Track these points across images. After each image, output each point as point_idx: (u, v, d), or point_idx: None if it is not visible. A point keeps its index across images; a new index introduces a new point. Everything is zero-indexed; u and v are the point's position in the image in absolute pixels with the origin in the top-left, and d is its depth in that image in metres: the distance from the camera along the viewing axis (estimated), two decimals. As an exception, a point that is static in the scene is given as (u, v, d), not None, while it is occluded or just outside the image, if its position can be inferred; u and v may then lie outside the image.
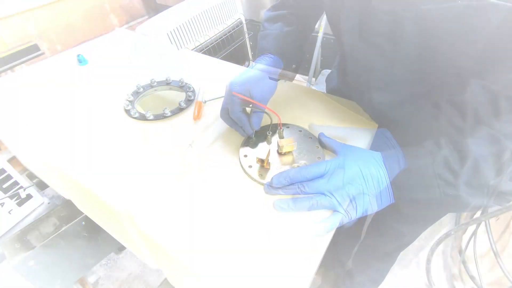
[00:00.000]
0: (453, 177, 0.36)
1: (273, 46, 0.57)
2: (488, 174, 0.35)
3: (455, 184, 0.36)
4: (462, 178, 0.36)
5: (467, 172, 0.36)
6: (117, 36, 0.87)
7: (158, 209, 0.43)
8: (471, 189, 0.36)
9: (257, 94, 0.50)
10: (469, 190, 0.36)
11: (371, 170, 0.41)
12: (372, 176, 0.41)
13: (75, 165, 0.50)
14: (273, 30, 0.58)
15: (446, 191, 0.37)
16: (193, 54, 0.78)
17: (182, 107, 0.59)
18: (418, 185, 0.39)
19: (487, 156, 0.35)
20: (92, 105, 0.62)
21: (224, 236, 0.39)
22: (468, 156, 0.36)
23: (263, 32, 0.60)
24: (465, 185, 0.36)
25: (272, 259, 0.37)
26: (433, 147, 0.39)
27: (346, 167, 0.41)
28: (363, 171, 0.41)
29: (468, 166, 0.35)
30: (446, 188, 0.37)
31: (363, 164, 0.42)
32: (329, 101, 0.61)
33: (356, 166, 0.41)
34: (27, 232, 0.72)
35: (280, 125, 0.50)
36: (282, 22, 0.59)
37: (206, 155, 0.50)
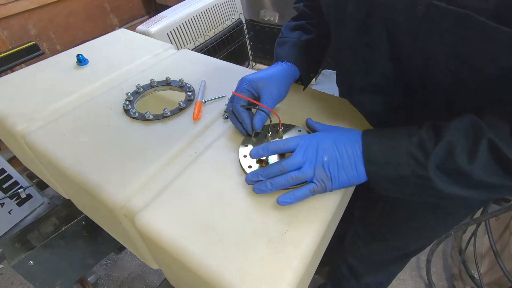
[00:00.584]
0: (424, 157, 0.36)
1: (290, 55, 0.56)
2: (460, 160, 0.34)
3: (425, 165, 0.35)
4: (432, 159, 0.35)
5: (438, 153, 0.35)
6: (117, 36, 0.87)
7: (158, 209, 0.43)
8: (442, 173, 0.35)
9: (264, 95, 0.51)
10: (441, 174, 0.35)
11: (346, 142, 0.41)
12: (346, 147, 0.41)
13: (75, 165, 0.50)
14: (291, 38, 0.58)
15: (415, 171, 0.36)
16: (193, 54, 0.78)
17: (182, 107, 0.59)
18: (390, 162, 0.38)
19: (462, 142, 0.34)
20: (92, 105, 0.62)
21: (224, 236, 0.39)
22: (443, 138, 0.35)
23: (281, 39, 0.60)
24: (435, 167, 0.35)
25: (272, 258, 0.37)
26: (413, 127, 0.39)
27: (321, 139, 0.42)
28: (337, 143, 0.41)
29: (440, 148, 0.35)
30: (416, 167, 0.36)
31: (338, 137, 0.42)
32: (329, 101, 0.61)
33: (331, 138, 0.42)
34: (27, 232, 0.72)
35: (280, 125, 0.50)
36: (301, 31, 0.59)
37: (205, 156, 0.50)
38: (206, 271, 0.37)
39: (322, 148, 0.41)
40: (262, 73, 0.53)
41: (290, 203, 0.41)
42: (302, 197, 0.41)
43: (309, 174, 0.41)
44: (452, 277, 1.18)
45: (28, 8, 1.63)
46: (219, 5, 1.47)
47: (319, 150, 0.41)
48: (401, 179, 0.38)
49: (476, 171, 0.34)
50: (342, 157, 0.41)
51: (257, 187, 0.43)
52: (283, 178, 0.41)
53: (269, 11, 1.58)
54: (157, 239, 0.40)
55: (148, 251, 0.53)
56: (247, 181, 0.44)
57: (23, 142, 0.58)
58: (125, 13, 2.14)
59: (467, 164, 0.34)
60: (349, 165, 0.40)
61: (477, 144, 0.34)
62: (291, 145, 0.43)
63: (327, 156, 0.41)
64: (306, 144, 0.42)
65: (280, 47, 0.58)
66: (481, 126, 0.34)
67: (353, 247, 0.83)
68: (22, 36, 1.67)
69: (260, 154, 0.44)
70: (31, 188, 1.34)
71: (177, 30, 1.32)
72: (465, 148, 0.34)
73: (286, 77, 0.55)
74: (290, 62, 0.56)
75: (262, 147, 0.44)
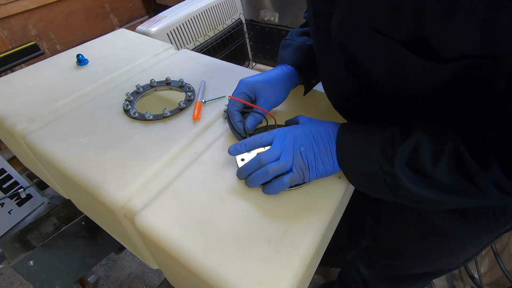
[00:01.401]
0: (392, 153, 0.35)
1: (292, 58, 0.56)
2: (425, 160, 0.33)
3: (392, 161, 0.35)
4: (398, 156, 0.35)
5: (405, 151, 0.35)
6: (117, 36, 0.87)
7: (158, 209, 0.43)
8: (409, 172, 0.35)
9: (261, 98, 0.51)
10: (407, 172, 0.35)
11: (322, 132, 0.42)
12: (322, 137, 0.41)
13: (75, 165, 0.50)
14: (295, 42, 0.58)
15: (383, 167, 0.36)
16: (193, 54, 0.78)
17: (182, 107, 0.59)
18: (360, 155, 0.38)
19: (429, 142, 0.34)
20: (91, 105, 0.62)
21: (224, 237, 0.39)
22: (411, 136, 0.35)
23: (285, 41, 0.59)
24: (402, 164, 0.35)
25: (272, 259, 0.37)
26: (392, 124, 0.38)
27: (297, 130, 0.43)
28: (314, 133, 0.42)
29: (407, 145, 0.35)
30: (384, 163, 0.36)
31: (315, 127, 0.43)
32: (328, 101, 0.61)
33: (307, 129, 0.43)
34: (27, 232, 0.72)
35: (276, 127, 0.50)
36: (308, 36, 0.58)
37: (205, 156, 0.50)
38: (206, 271, 0.37)
39: (299, 138, 0.42)
40: (261, 76, 0.53)
41: (273, 192, 0.42)
42: (281, 187, 0.42)
43: (287, 163, 0.41)
44: (452, 277, 1.18)
45: (28, 8, 1.63)
46: (219, 5, 1.47)
47: (296, 140, 0.42)
48: (371, 174, 0.38)
49: (440, 173, 0.33)
50: (319, 146, 0.41)
51: (246, 182, 0.44)
52: (263, 171, 0.42)
53: (269, 11, 1.58)
54: (157, 239, 0.40)
55: (148, 251, 0.53)
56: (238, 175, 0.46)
57: (23, 142, 0.58)
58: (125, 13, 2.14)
59: (431, 165, 0.33)
60: (325, 155, 0.41)
61: (443, 146, 0.33)
62: (268, 138, 0.44)
63: (304, 146, 0.41)
64: (282, 136, 0.43)
65: (284, 50, 0.58)
66: (450, 128, 0.34)
67: (365, 256, 0.81)
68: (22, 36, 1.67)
69: (239, 150, 0.45)
70: (31, 188, 1.34)
71: (177, 30, 1.32)
72: (430, 149, 0.34)
73: (286, 81, 0.54)
74: (291, 66, 0.55)
75: (240, 143, 0.45)
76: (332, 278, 1.18)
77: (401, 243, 0.64)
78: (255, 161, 0.43)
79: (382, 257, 0.73)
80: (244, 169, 0.44)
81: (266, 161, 0.42)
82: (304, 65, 0.56)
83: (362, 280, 0.86)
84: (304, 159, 0.41)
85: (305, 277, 0.40)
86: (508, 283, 0.93)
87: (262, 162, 0.42)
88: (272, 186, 0.42)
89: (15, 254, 0.67)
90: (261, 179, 0.42)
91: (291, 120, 0.52)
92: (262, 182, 0.43)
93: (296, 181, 0.41)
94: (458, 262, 0.62)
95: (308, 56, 0.56)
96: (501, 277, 0.97)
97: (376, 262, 0.76)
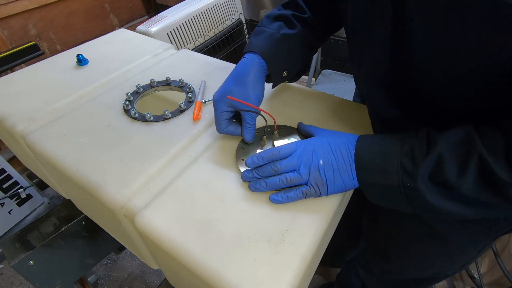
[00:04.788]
0: (413, 167, 0.34)
1: (262, 47, 0.50)
2: (449, 173, 0.32)
3: (414, 176, 0.34)
4: (422, 171, 0.33)
5: (428, 165, 0.33)
6: (117, 36, 0.87)
7: (158, 209, 0.43)
8: (432, 186, 0.34)
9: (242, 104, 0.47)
10: (430, 186, 0.34)
11: (340, 146, 0.40)
12: (341, 151, 0.40)
13: (75, 165, 0.50)
14: (269, 29, 0.52)
15: (404, 181, 0.35)
16: (193, 54, 0.78)
17: (183, 109, 0.59)
18: (380, 170, 0.37)
19: (453, 155, 0.33)
20: (91, 105, 0.62)
21: (224, 237, 0.39)
22: (434, 149, 0.33)
23: (259, 28, 0.54)
24: (425, 179, 0.34)
25: (272, 259, 0.37)
26: (408, 135, 0.37)
27: (316, 143, 0.42)
28: (332, 147, 0.41)
29: (430, 159, 0.33)
30: (404, 177, 0.35)
31: (333, 140, 0.41)
32: (328, 101, 0.61)
33: (326, 142, 0.42)
34: (27, 232, 0.72)
35: (275, 127, 0.50)
36: (283, 22, 0.53)
37: (205, 156, 0.50)
38: (206, 271, 0.37)
39: (318, 152, 0.41)
40: (233, 83, 0.49)
41: (281, 202, 0.42)
42: (293, 198, 0.41)
43: (304, 177, 0.40)
44: (452, 277, 1.18)
45: (28, 8, 1.63)
46: (219, 5, 1.47)
47: (314, 154, 0.41)
48: (391, 189, 0.36)
49: (465, 186, 0.32)
50: (338, 161, 0.40)
51: (252, 184, 0.44)
52: (278, 179, 0.41)
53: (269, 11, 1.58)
54: (157, 239, 0.40)
55: (148, 251, 0.53)
56: (243, 178, 0.45)
57: (23, 142, 0.58)
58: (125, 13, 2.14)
59: (456, 178, 0.32)
60: (345, 170, 0.39)
61: (468, 158, 0.32)
62: (286, 151, 0.43)
63: (322, 160, 0.40)
64: (301, 149, 0.42)
65: (255, 36, 0.53)
66: (474, 140, 0.32)
67: (364, 260, 0.80)
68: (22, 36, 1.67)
69: (256, 163, 0.44)
70: (31, 188, 1.34)
71: (177, 30, 1.32)
72: (454, 161, 0.33)
73: (259, 72, 0.50)
74: (259, 56, 0.50)
75: (257, 156, 0.44)
76: (332, 278, 1.18)
77: (399, 246, 0.63)
78: (270, 168, 0.42)
79: (379, 260, 0.72)
80: (257, 173, 0.43)
81: (282, 170, 0.41)
82: (274, 56, 0.51)
83: (362, 285, 0.86)
84: (322, 175, 0.40)
85: (305, 277, 0.40)
86: (508, 283, 0.93)
87: (278, 170, 0.42)
88: (285, 194, 0.41)
89: (15, 254, 0.67)
90: (273, 186, 0.42)
91: (304, 129, 0.50)
92: (271, 189, 0.42)
93: (310, 195, 0.41)
94: (455, 268, 0.62)
95: (280, 46, 0.51)
96: (501, 277, 0.98)
97: (374, 266, 0.76)
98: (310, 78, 1.58)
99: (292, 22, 0.53)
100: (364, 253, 0.80)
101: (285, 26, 0.53)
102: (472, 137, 0.33)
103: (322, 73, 1.66)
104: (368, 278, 0.82)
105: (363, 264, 0.82)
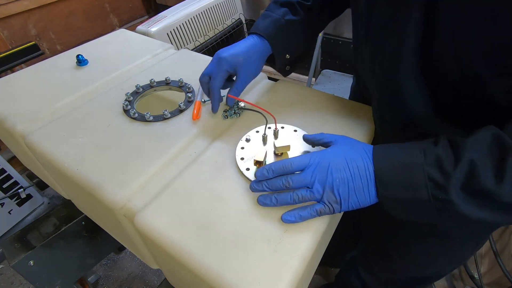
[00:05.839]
0: (444, 179, 0.32)
1: (267, 30, 0.54)
2: (486, 181, 0.30)
3: (446, 187, 0.32)
4: (454, 181, 0.31)
5: (460, 175, 0.31)
6: (117, 36, 0.87)
7: (157, 209, 0.43)
8: (466, 196, 0.32)
9: (242, 75, 0.52)
10: (464, 197, 0.32)
11: (357, 160, 0.38)
12: (358, 167, 0.37)
13: (75, 165, 0.50)
14: (275, 14, 0.56)
15: (435, 194, 0.32)
16: (193, 54, 0.78)
17: (182, 109, 0.59)
18: (404, 184, 0.34)
19: (486, 160, 0.31)
20: (91, 105, 0.62)
21: (223, 237, 0.39)
22: (463, 157, 0.32)
23: (265, 12, 0.58)
24: (458, 189, 0.31)
25: (271, 258, 0.37)
26: (428, 144, 0.35)
27: (331, 157, 0.39)
28: (349, 162, 0.38)
29: (461, 168, 0.31)
30: (435, 190, 0.32)
31: (350, 154, 0.39)
32: (328, 101, 0.61)
33: (342, 156, 0.39)
34: (27, 232, 0.72)
35: (276, 126, 0.50)
36: (288, 9, 0.56)
37: (205, 156, 0.50)
38: (206, 271, 0.37)
39: (333, 169, 0.38)
40: (238, 50, 0.53)
41: (294, 222, 0.40)
42: (307, 217, 0.39)
43: (317, 195, 0.38)
44: (452, 277, 1.18)
45: (28, 8, 1.64)
46: (219, 5, 1.47)
47: (330, 172, 0.38)
48: (418, 203, 0.34)
49: (505, 192, 0.30)
50: (354, 179, 0.37)
51: (261, 200, 0.41)
52: (289, 196, 0.39)
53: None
54: (157, 239, 0.40)
55: (148, 251, 0.53)
56: (252, 189, 0.42)
57: (23, 143, 0.58)
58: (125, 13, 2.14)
59: (494, 185, 0.30)
60: (361, 188, 0.37)
61: (504, 162, 0.30)
62: (299, 165, 0.40)
63: (338, 178, 0.37)
64: (315, 164, 0.39)
65: (262, 20, 0.57)
66: (505, 142, 0.31)
67: (364, 260, 0.80)
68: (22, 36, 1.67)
69: (265, 176, 0.41)
70: (31, 188, 1.34)
71: (177, 30, 1.32)
72: (489, 167, 0.31)
73: (261, 53, 0.55)
74: (264, 37, 0.55)
75: (267, 169, 0.40)
76: (332, 278, 1.18)
77: (400, 245, 0.64)
78: (282, 183, 0.39)
79: (380, 260, 0.72)
80: (268, 185, 0.40)
81: (294, 186, 0.39)
82: (278, 38, 0.55)
83: (362, 285, 0.85)
84: (336, 194, 0.37)
85: (304, 277, 0.40)
86: (508, 283, 0.93)
87: (290, 185, 0.39)
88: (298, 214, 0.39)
89: (15, 254, 0.67)
90: (283, 203, 0.40)
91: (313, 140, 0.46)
92: (281, 205, 0.40)
93: (324, 214, 0.39)
94: (454, 264, 0.62)
95: (284, 32, 0.55)
96: (501, 277, 0.97)
97: (375, 265, 0.76)
98: (310, 78, 1.58)
99: (297, 9, 0.57)
100: (364, 253, 0.80)
101: (289, 13, 0.56)
102: (502, 140, 0.31)
103: (322, 73, 1.66)
104: (369, 278, 0.82)
105: (363, 264, 0.82)
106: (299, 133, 0.52)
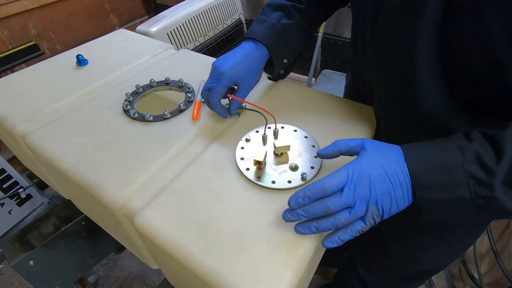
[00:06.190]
0: (487, 176, 0.31)
1: (265, 35, 0.54)
2: None
3: (490, 184, 0.31)
4: (498, 177, 0.30)
5: (504, 169, 0.30)
6: (117, 36, 0.87)
7: (157, 209, 0.43)
8: (509, 190, 0.31)
9: (243, 87, 0.52)
10: (507, 191, 0.30)
11: (395, 166, 0.35)
12: (397, 174, 0.35)
13: (75, 165, 0.50)
14: (270, 18, 0.56)
15: (478, 192, 0.31)
16: (193, 54, 0.78)
17: (182, 109, 0.59)
18: (443, 184, 0.33)
19: None
20: (91, 105, 0.62)
21: (223, 237, 0.39)
22: (504, 150, 0.30)
23: (260, 16, 0.58)
24: (502, 185, 0.30)
25: (271, 259, 0.37)
26: (461, 140, 0.34)
27: (369, 169, 0.36)
28: (387, 170, 0.35)
29: (505, 164, 0.30)
30: (478, 188, 0.31)
31: (387, 161, 0.36)
32: (328, 101, 0.61)
33: (379, 165, 0.36)
34: (27, 232, 0.72)
35: (276, 126, 0.50)
36: (283, 13, 0.56)
37: (204, 156, 0.50)
38: (205, 271, 0.37)
39: (375, 182, 0.35)
40: (237, 60, 0.52)
41: (337, 246, 0.37)
42: (349, 239, 0.36)
43: (360, 214, 0.35)
44: (452, 277, 1.18)
45: (28, 8, 1.64)
46: (219, 5, 1.47)
47: (372, 186, 0.35)
48: (459, 202, 0.33)
49: None
50: (396, 188, 0.35)
51: (300, 230, 0.37)
52: (331, 223, 0.35)
53: (269, 11, 1.58)
54: (157, 239, 0.40)
55: (148, 251, 0.53)
56: (285, 219, 0.38)
57: (23, 143, 0.58)
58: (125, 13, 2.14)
59: None
60: (402, 195, 0.35)
61: None
62: (336, 184, 0.36)
63: (380, 190, 0.35)
64: (354, 180, 0.35)
65: (258, 24, 0.56)
66: None
67: (362, 258, 0.80)
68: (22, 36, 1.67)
69: (301, 204, 0.37)
70: (31, 188, 1.34)
71: (177, 30, 1.32)
72: None
73: (259, 60, 0.54)
74: (262, 44, 0.54)
75: (303, 195, 0.36)
76: (331, 278, 1.18)
77: (400, 240, 0.64)
78: (321, 209, 0.35)
79: (379, 256, 0.73)
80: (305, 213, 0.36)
81: (336, 209, 0.35)
82: (276, 44, 0.55)
83: (362, 284, 0.85)
84: (380, 207, 0.35)
85: (304, 277, 0.40)
86: (508, 283, 0.93)
87: (331, 210, 0.35)
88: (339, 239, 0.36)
89: (15, 254, 0.67)
90: (325, 230, 0.36)
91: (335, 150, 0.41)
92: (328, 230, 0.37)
93: (365, 230, 0.36)
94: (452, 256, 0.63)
95: (281, 36, 0.55)
96: (501, 277, 0.98)
97: (374, 263, 0.76)
98: (310, 78, 1.58)
99: (291, 12, 0.57)
100: (363, 251, 0.80)
101: (284, 17, 0.56)
102: None
103: (322, 73, 1.66)
104: (368, 276, 0.82)
105: (362, 262, 0.82)
106: (299, 133, 0.52)
